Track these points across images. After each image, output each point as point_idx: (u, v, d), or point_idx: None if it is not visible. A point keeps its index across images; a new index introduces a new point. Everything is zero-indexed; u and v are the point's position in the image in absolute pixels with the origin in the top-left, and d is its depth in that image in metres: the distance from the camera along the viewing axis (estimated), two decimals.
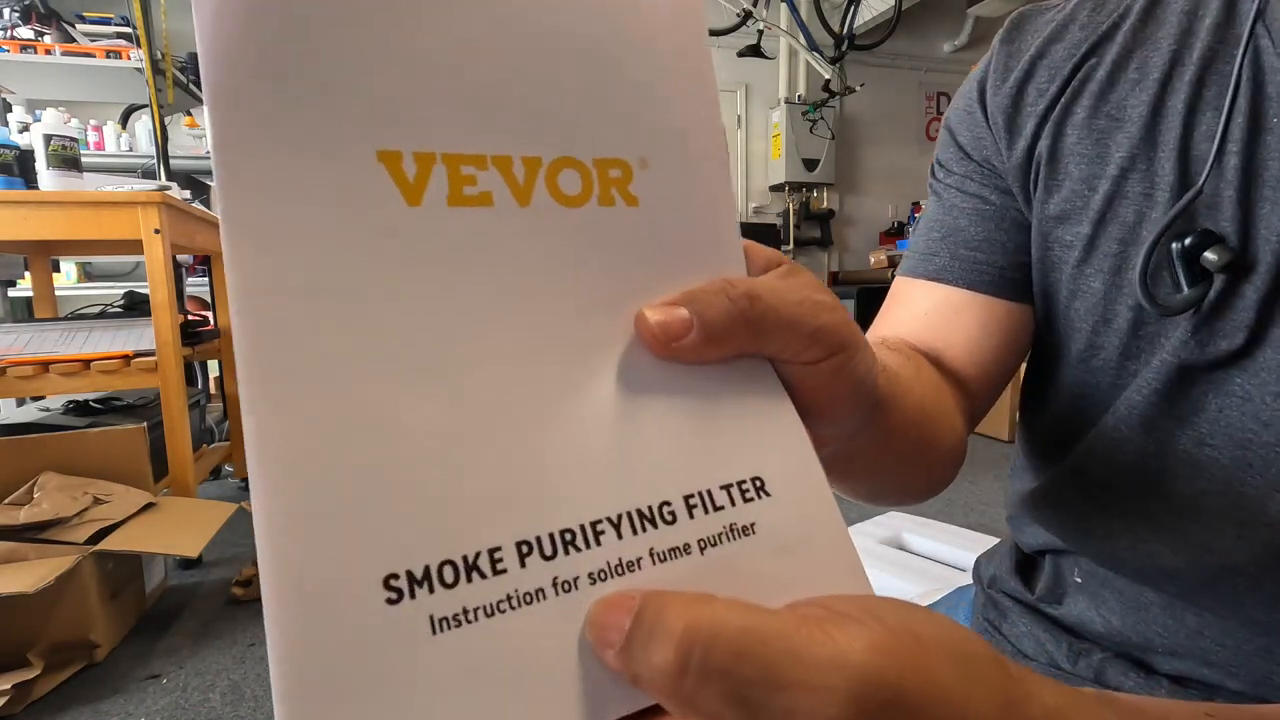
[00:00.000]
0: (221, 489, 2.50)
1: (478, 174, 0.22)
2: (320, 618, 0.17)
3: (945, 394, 0.46)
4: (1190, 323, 0.40)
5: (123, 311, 2.21)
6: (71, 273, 3.59)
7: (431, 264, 0.21)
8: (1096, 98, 0.44)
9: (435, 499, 0.19)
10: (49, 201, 1.66)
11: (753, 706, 0.17)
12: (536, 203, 0.23)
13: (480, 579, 0.19)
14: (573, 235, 0.23)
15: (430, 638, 0.18)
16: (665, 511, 0.21)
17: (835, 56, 4.10)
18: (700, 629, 0.18)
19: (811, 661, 0.17)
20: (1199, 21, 0.42)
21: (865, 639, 0.18)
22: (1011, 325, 0.49)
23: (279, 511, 0.18)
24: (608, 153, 0.24)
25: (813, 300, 0.25)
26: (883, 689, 0.17)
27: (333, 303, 0.20)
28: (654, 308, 0.23)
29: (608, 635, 0.19)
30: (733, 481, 0.23)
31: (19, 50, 2.55)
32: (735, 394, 0.24)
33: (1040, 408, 0.51)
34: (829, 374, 0.25)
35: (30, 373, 1.67)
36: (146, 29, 2.37)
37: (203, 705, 1.32)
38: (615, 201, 0.24)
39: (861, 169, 5.16)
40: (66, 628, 1.38)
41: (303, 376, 0.19)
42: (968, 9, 4.57)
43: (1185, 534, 0.41)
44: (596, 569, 0.20)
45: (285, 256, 0.19)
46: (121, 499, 1.54)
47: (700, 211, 0.26)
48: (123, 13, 2.75)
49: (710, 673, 0.17)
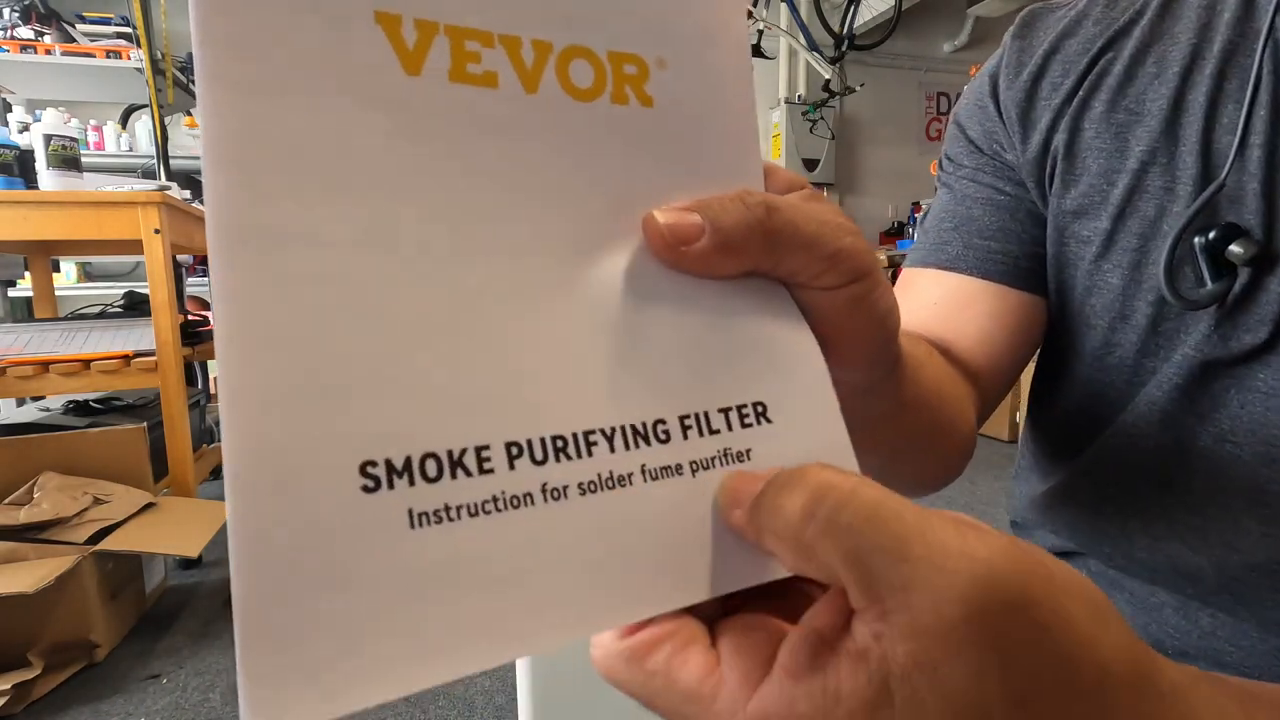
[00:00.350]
0: (221, 489, 2.49)
1: (483, 51, 0.20)
2: (287, 501, 0.16)
3: (956, 382, 0.45)
4: (1213, 317, 0.40)
5: (123, 311, 2.20)
6: (71, 273, 3.59)
7: (427, 140, 0.19)
8: (1114, 92, 0.44)
9: (421, 389, 0.18)
10: (49, 201, 1.66)
11: (869, 571, 0.17)
12: (545, 91, 0.21)
13: (465, 476, 0.17)
14: (581, 130, 0.22)
15: (408, 531, 0.17)
16: (660, 430, 0.21)
17: (835, 56, 4.09)
18: (836, 486, 0.18)
19: (941, 545, 0.17)
20: (1218, 16, 0.42)
21: (998, 544, 0.17)
22: (1024, 317, 0.48)
23: (247, 382, 0.16)
24: (624, 47, 0.23)
25: (835, 222, 0.23)
26: (1007, 590, 0.17)
27: (316, 168, 0.18)
28: (664, 211, 0.22)
29: (739, 496, 0.20)
30: (732, 405, 0.22)
31: (19, 50, 2.55)
32: (746, 315, 0.23)
33: (1051, 407, 0.50)
34: (848, 303, 0.24)
35: (30, 373, 1.67)
36: (146, 29, 2.37)
37: (203, 705, 1.32)
38: (629, 100, 0.23)
39: (861, 169, 5.16)
40: (66, 628, 1.38)
41: (280, 242, 0.17)
42: (968, 9, 4.57)
43: (1206, 532, 0.41)
44: (587, 480, 0.19)
45: (266, 114, 0.17)
46: (121, 499, 1.54)
47: (719, 120, 0.24)
48: (123, 13, 2.75)
49: (837, 527, 0.17)
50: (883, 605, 0.17)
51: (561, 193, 0.21)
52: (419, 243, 0.19)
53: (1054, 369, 0.49)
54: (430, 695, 1.35)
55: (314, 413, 0.16)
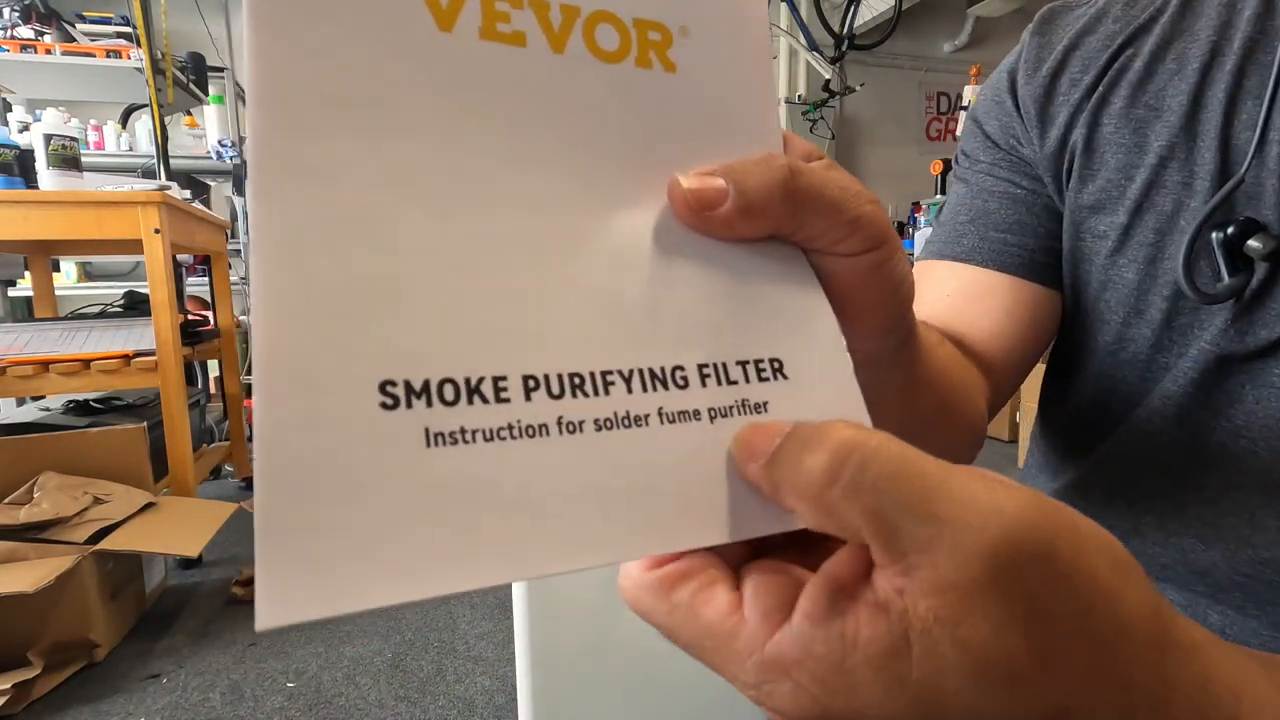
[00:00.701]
0: (221, 489, 2.50)
1: (512, 11, 0.21)
2: (309, 408, 0.16)
3: (968, 369, 0.45)
4: (1230, 312, 0.40)
5: (123, 311, 2.21)
6: (71, 273, 3.58)
7: (458, 92, 0.20)
8: (1134, 88, 0.44)
9: (442, 319, 0.19)
10: (49, 201, 1.66)
11: (893, 530, 0.17)
12: (571, 51, 0.22)
13: (482, 403, 0.18)
14: (606, 90, 0.23)
15: (424, 449, 0.17)
16: (678, 375, 0.21)
17: (835, 56, 4.09)
18: (860, 444, 0.18)
19: (967, 501, 0.17)
20: (1238, 13, 0.42)
21: (1024, 498, 0.17)
22: (1038, 310, 0.49)
23: (277, 292, 0.17)
24: (648, 14, 0.24)
25: (855, 189, 0.24)
26: (1033, 543, 0.17)
27: (352, 112, 0.19)
28: (689, 175, 0.22)
29: (755, 450, 0.19)
30: (749, 359, 0.22)
31: (19, 50, 2.55)
32: (764, 275, 0.23)
33: (1062, 405, 0.50)
34: (866, 270, 0.24)
35: (30, 372, 1.67)
36: (146, 29, 2.37)
37: (203, 705, 1.32)
38: (653, 64, 0.24)
39: (861, 169, 5.16)
40: (66, 627, 1.38)
41: (316, 175, 0.18)
42: (968, 9, 4.57)
43: (1220, 527, 0.41)
44: (603, 417, 0.20)
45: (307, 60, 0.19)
46: (121, 499, 1.54)
47: (740, 87, 0.25)
48: (123, 12, 2.75)
49: (861, 486, 0.17)
50: (906, 562, 0.17)
51: (586, 147, 0.22)
52: (448, 186, 0.20)
53: (1066, 365, 0.49)
54: (430, 695, 1.35)
55: (338, 329, 0.17)
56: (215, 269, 2.46)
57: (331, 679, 1.40)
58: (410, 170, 0.19)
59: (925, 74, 5.16)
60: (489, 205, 0.20)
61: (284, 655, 1.48)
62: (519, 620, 0.67)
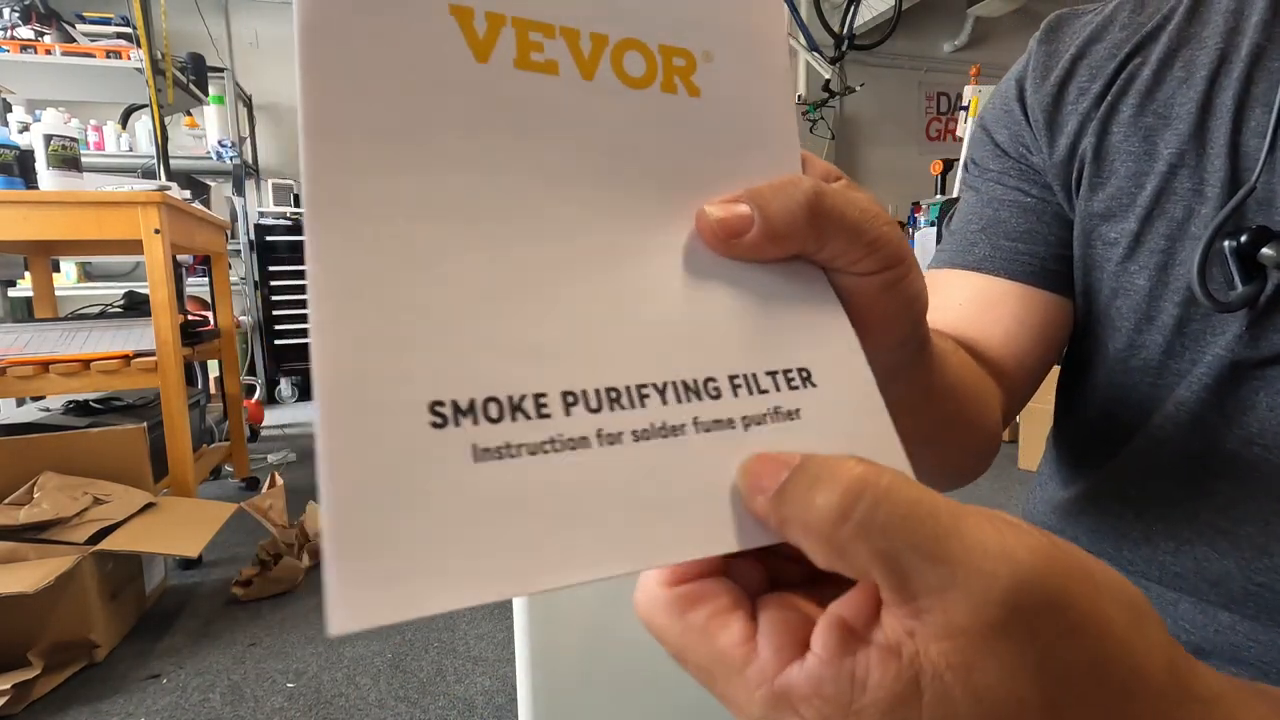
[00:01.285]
0: (221, 489, 2.50)
1: (545, 41, 0.22)
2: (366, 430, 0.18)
3: (981, 378, 0.45)
4: (1244, 320, 0.40)
5: (123, 311, 2.21)
6: (71, 273, 3.59)
7: (495, 121, 0.22)
8: (1143, 96, 0.44)
9: (485, 342, 0.20)
10: (49, 201, 1.66)
11: (904, 573, 0.17)
12: (600, 78, 0.23)
13: (525, 419, 0.19)
14: (634, 114, 0.24)
15: (472, 465, 0.18)
16: (710, 387, 0.22)
17: (835, 56, 4.10)
18: (872, 483, 0.17)
19: (979, 546, 0.17)
20: (1245, 20, 0.42)
21: (1037, 543, 0.17)
22: (1050, 318, 0.49)
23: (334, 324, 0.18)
24: (673, 41, 0.25)
25: (874, 211, 0.24)
26: (1046, 591, 0.16)
27: (398, 145, 0.20)
28: (716, 204, 0.23)
29: (761, 482, 0.19)
30: (779, 369, 0.23)
31: (19, 50, 2.55)
32: (788, 292, 0.25)
33: (1074, 413, 0.50)
34: (882, 288, 0.25)
35: (30, 373, 1.67)
36: (146, 29, 2.37)
37: (203, 705, 1.32)
38: (678, 89, 0.25)
39: (861, 169, 5.16)
40: (66, 628, 1.38)
41: (366, 207, 0.19)
42: (968, 9, 4.57)
43: (1235, 535, 0.41)
44: (640, 428, 0.20)
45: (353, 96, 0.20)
46: (121, 499, 1.54)
47: (761, 111, 0.26)
48: (123, 13, 2.75)
49: (872, 527, 0.17)
50: (917, 604, 0.17)
51: (616, 172, 0.23)
52: (489, 213, 0.21)
53: (1078, 373, 0.50)
54: (430, 695, 1.35)
55: (390, 355, 0.19)
56: (215, 269, 2.46)
57: (331, 679, 1.40)
58: (453, 199, 0.21)
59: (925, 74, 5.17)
60: (527, 231, 0.21)
61: (284, 656, 1.48)
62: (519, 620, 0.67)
